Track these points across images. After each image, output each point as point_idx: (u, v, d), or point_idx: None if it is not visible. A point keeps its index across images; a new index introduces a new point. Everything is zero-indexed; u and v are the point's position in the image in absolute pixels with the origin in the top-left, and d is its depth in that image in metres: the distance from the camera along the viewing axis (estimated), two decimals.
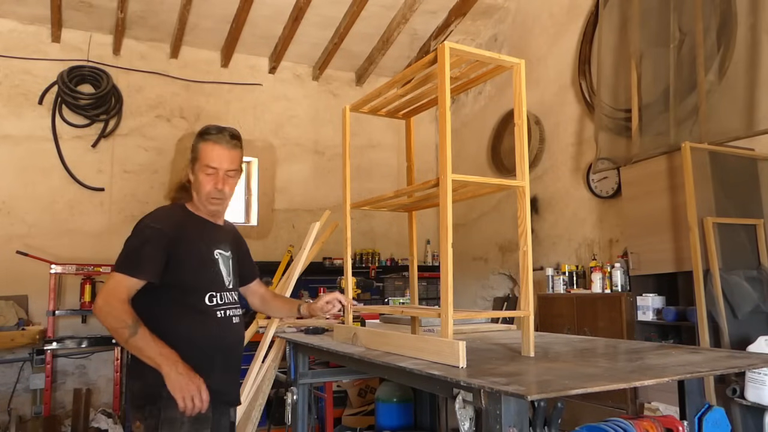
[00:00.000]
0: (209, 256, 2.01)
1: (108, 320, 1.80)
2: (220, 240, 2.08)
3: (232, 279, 2.08)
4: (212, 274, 2.01)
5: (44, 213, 5.34)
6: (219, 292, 2.01)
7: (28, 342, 4.78)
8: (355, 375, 3.42)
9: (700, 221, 3.24)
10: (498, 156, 6.00)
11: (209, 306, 1.97)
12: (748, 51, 3.48)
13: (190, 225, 2.02)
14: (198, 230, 2.03)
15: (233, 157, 2.01)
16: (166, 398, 1.81)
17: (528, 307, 1.87)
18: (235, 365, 2.07)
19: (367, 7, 5.49)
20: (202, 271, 1.98)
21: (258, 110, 6.35)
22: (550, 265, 4.95)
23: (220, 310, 1.99)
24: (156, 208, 2.05)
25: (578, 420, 2.30)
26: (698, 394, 1.94)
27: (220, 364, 1.97)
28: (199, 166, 1.99)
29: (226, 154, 1.99)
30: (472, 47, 1.87)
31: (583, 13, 4.99)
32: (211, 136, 1.99)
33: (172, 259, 1.91)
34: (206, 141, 1.99)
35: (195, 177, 2.02)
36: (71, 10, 5.29)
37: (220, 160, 1.98)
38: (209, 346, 1.94)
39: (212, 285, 1.99)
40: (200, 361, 1.89)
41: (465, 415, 1.49)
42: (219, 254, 2.05)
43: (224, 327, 2.00)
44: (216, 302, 1.99)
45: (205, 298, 1.97)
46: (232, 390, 2.08)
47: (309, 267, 3.72)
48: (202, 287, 1.97)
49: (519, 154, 1.94)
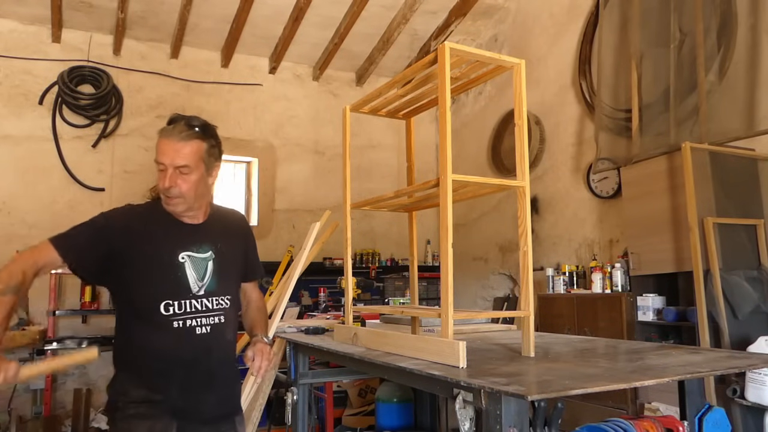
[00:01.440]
0: (171, 260, 1.81)
1: (1, 270, 1.65)
2: (194, 241, 1.86)
3: (206, 283, 1.85)
4: (172, 280, 1.80)
5: (44, 213, 5.34)
6: (179, 300, 1.79)
7: (29, 342, 4.77)
8: (356, 375, 3.42)
9: (700, 221, 3.24)
10: (498, 156, 6.00)
11: (164, 316, 1.77)
12: (748, 51, 3.48)
13: (154, 224, 1.83)
14: (162, 231, 1.84)
15: (184, 151, 1.75)
16: (122, 409, 1.75)
17: (528, 308, 1.87)
18: (208, 379, 1.83)
19: (367, 7, 5.49)
20: (156, 277, 1.79)
21: (258, 110, 6.35)
22: (550, 265, 4.95)
23: (177, 320, 1.78)
24: (126, 204, 1.92)
25: (578, 420, 2.30)
26: (698, 395, 1.94)
27: (180, 379, 1.78)
28: (157, 162, 1.78)
29: (174, 147, 1.74)
30: (472, 47, 1.87)
31: (583, 13, 4.99)
32: (164, 130, 1.78)
33: (120, 263, 1.77)
34: (159, 134, 1.78)
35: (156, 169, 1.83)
36: (71, 11, 5.29)
37: (166, 156, 1.75)
38: (164, 360, 1.77)
39: (169, 293, 1.78)
40: (154, 376, 1.77)
41: (465, 416, 1.49)
42: (187, 257, 1.83)
43: (182, 339, 1.79)
44: (173, 311, 1.78)
45: (161, 307, 1.77)
46: (209, 407, 1.85)
47: (309, 267, 3.72)
48: (155, 296, 1.78)
49: (519, 154, 1.94)
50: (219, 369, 1.88)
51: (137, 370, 1.79)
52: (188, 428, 1.80)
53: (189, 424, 1.81)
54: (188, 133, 1.77)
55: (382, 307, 3.56)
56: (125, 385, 1.79)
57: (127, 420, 1.74)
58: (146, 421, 1.74)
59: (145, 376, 1.78)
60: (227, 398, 1.94)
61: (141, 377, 1.78)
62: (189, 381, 1.80)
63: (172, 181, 1.75)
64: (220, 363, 1.88)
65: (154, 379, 1.77)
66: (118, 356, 1.85)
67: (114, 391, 1.80)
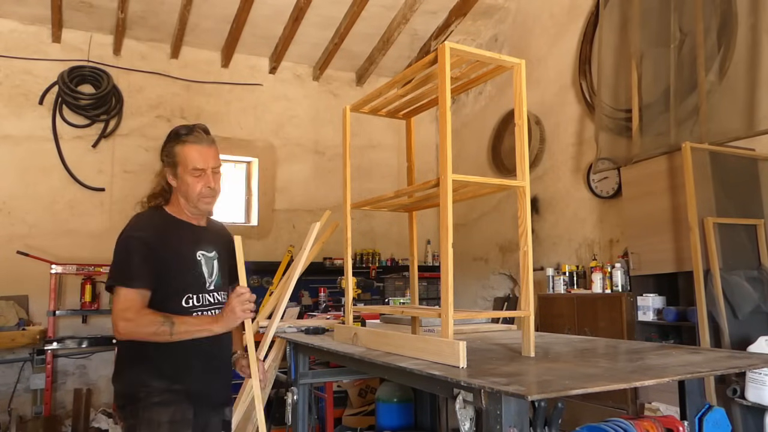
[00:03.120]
0: (191, 257, 1.99)
1: (142, 334, 1.81)
2: (204, 241, 2.05)
3: (215, 280, 2.04)
4: (192, 275, 1.98)
5: (45, 213, 5.34)
6: (197, 294, 1.97)
7: (29, 342, 4.78)
8: (356, 375, 3.42)
9: (700, 221, 3.24)
10: (498, 156, 6.00)
11: (185, 308, 1.94)
12: (748, 51, 3.48)
13: (172, 228, 2.00)
14: (179, 233, 2.00)
15: (215, 154, 2.00)
16: (144, 399, 1.85)
17: (528, 308, 1.87)
18: (217, 366, 2.04)
19: (367, 8, 5.49)
20: (182, 273, 1.96)
21: (258, 110, 6.35)
22: (550, 265, 4.95)
23: (196, 312, 1.96)
24: (134, 216, 2.02)
25: (578, 420, 2.29)
26: (699, 395, 1.94)
27: (199, 366, 1.95)
28: (184, 170, 1.95)
29: (209, 152, 1.97)
30: (472, 47, 1.87)
31: (583, 14, 4.99)
32: (189, 137, 1.96)
33: (157, 265, 1.90)
34: (184, 143, 1.95)
35: (180, 181, 1.97)
36: (72, 11, 5.29)
37: (205, 160, 1.96)
38: (185, 350, 1.90)
39: (190, 287, 1.96)
40: (177, 364, 1.90)
41: (465, 415, 1.49)
42: (202, 255, 2.02)
43: None
44: (192, 304, 1.96)
45: (182, 301, 1.94)
46: (216, 392, 2.05)
47: (309, 267, 3.72)
48: (180, 290, 1.94)
49: (519, 154, 1.94)
50: (225, 357, 2.10)
51: (159, 362, 1.89)
52: (201, 412, 1.96)
53: (202, 408, 1.96)
54: (209, 137, 2.00)
55: (382, 307, 3.57)
56: (143, 376, 1.89)
57: (150, 409, 1.85)
58: (169, 408, 1.88)
59: (167, 367, 1.89)
60: (229, 385, 2.14)
61: (163, 368, 1.89)
62: (205, 369, 1.97)
63: (215, 181, 1.98)
64: (224, 352, 2.10)
65: (177, 369, 1.91)
66: (136, 350, 1.91)
67: (131, 383, 1.90)
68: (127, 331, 1.81)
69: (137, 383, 1.88)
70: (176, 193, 2.02)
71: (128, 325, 1.80)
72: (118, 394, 1.96)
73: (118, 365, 1.98)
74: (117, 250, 1.92)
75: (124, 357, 1.97)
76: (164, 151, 2.00)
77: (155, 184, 2.05)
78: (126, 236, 1.93)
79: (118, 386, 1.95)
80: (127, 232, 1.94)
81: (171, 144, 1.98)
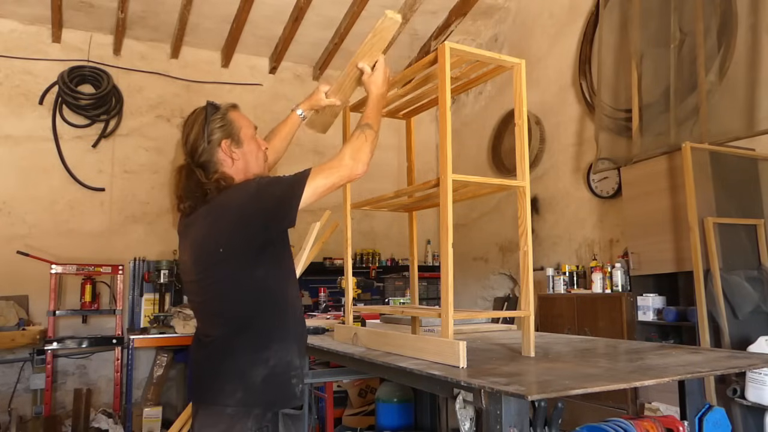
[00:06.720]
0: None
1: (370, 151, 1.87)
2: None
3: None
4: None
5: (45, 213, 5.34)
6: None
7: (29, 342, 4.78)
8: (356, 375, 3.41)
9: (700, 221, 3.24)
10: (498, 156, 6.00)
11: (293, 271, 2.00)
12: (748, 51, 3.48)
13: None
14: None
15: None
16: (283, 374, 1.78)
17: (528, 307, 1.87)
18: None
19: (367, 7, 5.49)
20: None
21: (258, 110, 6.34)
22: (550, 265, 4.95)
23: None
24: (238, 184, 1.84)
25: (578, 420, 2.29)
26: (699, 395, 1.94)
27: (303, 344, 1.96)
28: (246, 133, 1.96)
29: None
30: (472, 47, 1.87)
31: (583, 14, 4.99)
32: (230, 106, 1.98)
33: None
34: (234, 109, 1.97)
35: (247, 146, 1.94)
36: (72, 11, 5.29)
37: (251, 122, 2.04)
38: (303, 325, 1.94)
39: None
40: (303, 343, 1.92)
41: (465, 416, 1.49)
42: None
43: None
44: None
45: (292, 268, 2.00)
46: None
47: (309, 267, 3.72)
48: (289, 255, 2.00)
49: (519, 154, 1.94)
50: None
51: (294, 340, 1.83)
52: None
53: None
54: None
55: (382, 307, 3.57)
56: (280, 354, 1.75)
57: (290, 385, 1.78)
58: (298, 384, 1.82)
59: (299, 345, 1.86)
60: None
61: (298, 345, 1.85)
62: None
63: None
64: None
65: (303, 346, 1.92)
66: (269, 330, 1.77)
67: (271, 364, 1.74)
68: (357, 161, 1.82)
69: (276, 362, 1.75)
70: (235, 167, 1.87)
71: (358, 156, 1.84)
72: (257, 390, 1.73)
73: (230, 361, 1.73)
74: (268, 182, 1.82)
75: (255, 336, 1.75)
76: (211, 126, 1.83)
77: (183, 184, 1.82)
78: (261, 177, 1.91)
79: (255, 365, 1.73)
80: (259, 178, 1.88)
81: (220, 115, 1.87)
